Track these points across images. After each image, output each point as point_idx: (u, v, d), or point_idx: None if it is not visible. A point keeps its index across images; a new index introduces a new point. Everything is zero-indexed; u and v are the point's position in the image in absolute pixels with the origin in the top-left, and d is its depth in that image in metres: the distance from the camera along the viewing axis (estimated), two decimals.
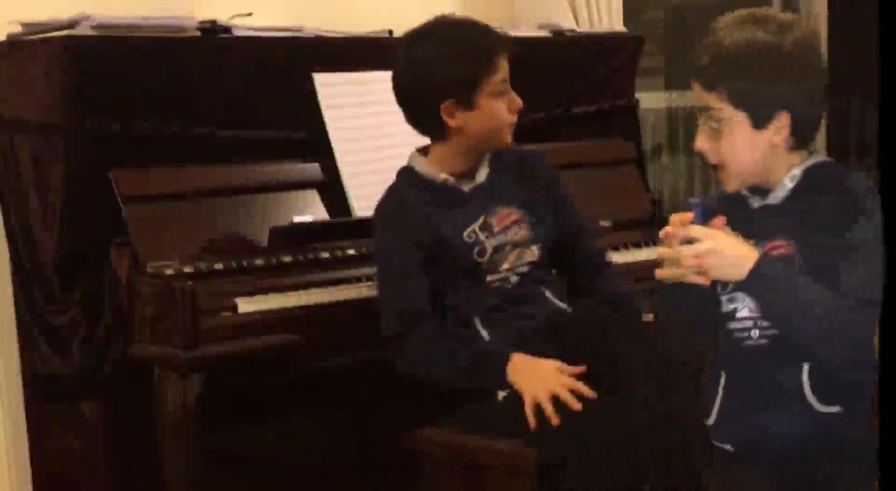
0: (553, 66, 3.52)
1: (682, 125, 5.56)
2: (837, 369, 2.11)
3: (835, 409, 2.12)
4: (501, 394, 2.55)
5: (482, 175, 2.72)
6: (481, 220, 2.67)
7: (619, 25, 4.19)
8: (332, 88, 3.05)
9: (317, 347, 2.77)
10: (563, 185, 2.84)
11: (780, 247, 2.14)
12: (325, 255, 2.85)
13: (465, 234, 2.65)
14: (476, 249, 2.65)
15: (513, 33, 3.58)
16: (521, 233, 2.70)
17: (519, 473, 2.48)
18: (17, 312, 2.97)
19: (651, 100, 5.21)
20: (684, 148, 5.57)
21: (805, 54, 2.12)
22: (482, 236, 2.66)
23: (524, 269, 2.68)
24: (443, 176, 2.67)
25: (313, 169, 3.01)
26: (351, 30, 3.30)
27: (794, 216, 2.15)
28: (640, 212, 3.54)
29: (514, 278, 2.67)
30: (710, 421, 2.24)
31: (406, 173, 2.73)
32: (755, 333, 2.17)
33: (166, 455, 2.62)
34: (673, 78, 5.53)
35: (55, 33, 2.80)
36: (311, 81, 3.02)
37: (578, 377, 2.43)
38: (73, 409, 2.86)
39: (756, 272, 2.06)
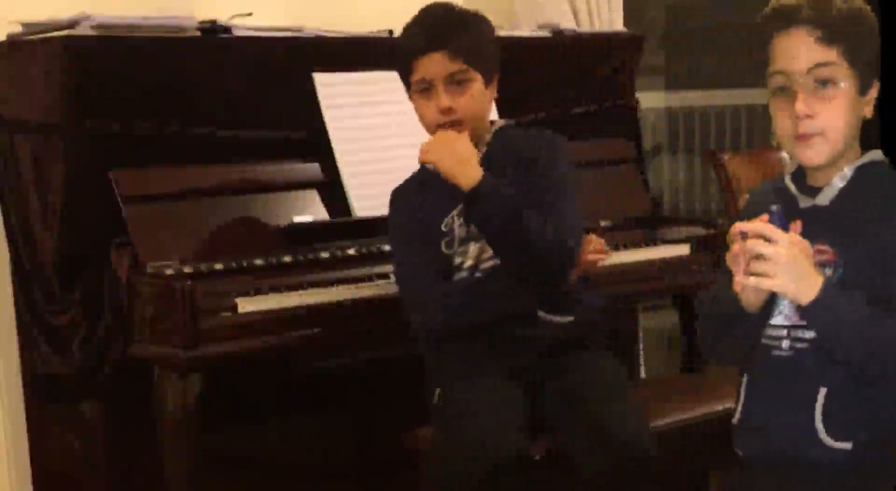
0: (553, 66, 3.52)
1: (683, 125, 5.56)
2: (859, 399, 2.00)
3: (845, 445, 2.01)
4: (437, 392, 2.55)
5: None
6: (460, 206, 2.57)
7: (619, 25, 4.19)
8: (332, 88, 3.05)
9: (317, 347, 2.76)
10: (546, 164, 2.59)
11: (824, 252, 2.01)
12: (325, 255, 2.85)
13: (444, 221, 2.60)
14: (446, 239, 2.59)
15: (513, 33, 3.60)
16: None
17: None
18: (17, 312, 2.97)
19: (651, 100, 5.21)
20: (684, 148, 5.57)
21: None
22: (457, 224, 2.58)
23: (488, 264, 2.57)
24: None
25: (313, 169, 3.01)
26: (351, 30, 3.30)
27: (842, 220, 2.03)
28: (640, 212, 3.54)
29: (477, 274, 2.57)
30: (734, 421, 2.15)
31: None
32: (786, 343, 2.06)
33: (166, 455, 2.61)
34: (673, 78, 5.53)
35: (55, 33, 2.80)
36: (311, 81, 3.02)
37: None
38: (73, 409, 2.86)
39: (818, 303, 1.92)
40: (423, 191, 2.64)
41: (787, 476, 2.06)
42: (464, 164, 2.49)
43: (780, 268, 1.91)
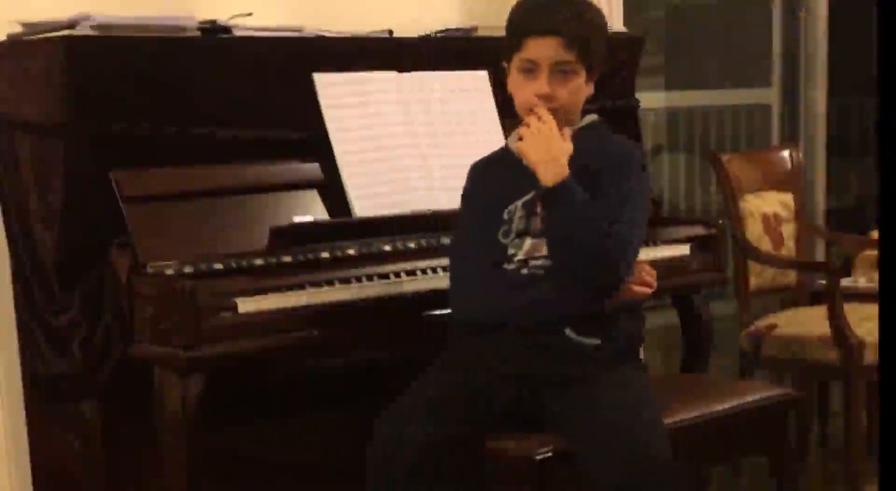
0: None
1: (683, 125, 5.56)
2: None
3: None
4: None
5: None
6: (531, 195, 2.56)
7: (619, 25, 4.18)
8: (332, 88, 3.04)
9: (317, 347, 2.77)
10: (624, 179, 2.58)
11: None
12: (325, 255, 2.85)
13: (508, 209, 2.59)
14: (504, 228, 2.59)
15: None
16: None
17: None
18: (17, 312, 2.97)
19: (651, 100, 5.21)
20: (684, 148, 5.58)
21: None
22: (518, 214, 2.58)
23: (538, 263, 2.55)
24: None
25: (313, 169, 3.01)
26: (351, 30, 3.30)
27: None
28: None
29: (524, 271, 2.56)
30: None
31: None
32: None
33: (166, 455, 2.61)
34: (673, 78, 5.54)
35: (55, 33, 2.80)
36: (311, 81, 3.02)
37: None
38: (72, 409, 2.86)
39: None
40: (499, 172, 2.66)
41: None
42: (553, 161, 2.49)
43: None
